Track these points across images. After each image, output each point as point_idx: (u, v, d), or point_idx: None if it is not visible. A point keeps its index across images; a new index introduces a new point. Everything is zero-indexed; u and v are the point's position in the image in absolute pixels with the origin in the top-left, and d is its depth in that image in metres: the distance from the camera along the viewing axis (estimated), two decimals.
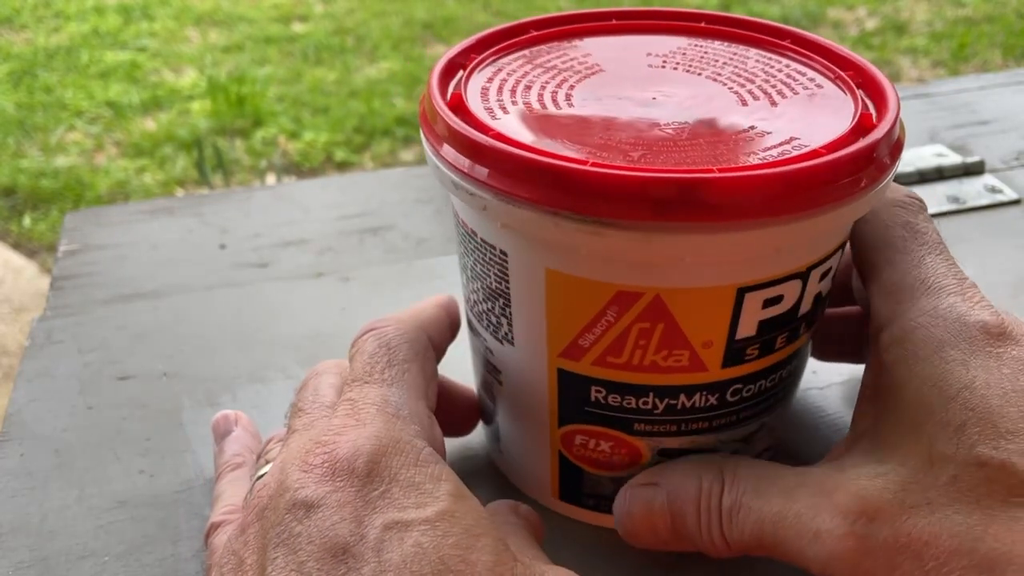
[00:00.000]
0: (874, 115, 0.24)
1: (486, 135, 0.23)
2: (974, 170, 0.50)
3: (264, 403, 0.35)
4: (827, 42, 0.28)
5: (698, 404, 0.25)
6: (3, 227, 1.55)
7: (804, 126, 0.24)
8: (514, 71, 0.27)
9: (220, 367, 0.37)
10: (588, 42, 0.30)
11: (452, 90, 0.26)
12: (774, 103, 0.25)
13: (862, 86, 0.26)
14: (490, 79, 0.27)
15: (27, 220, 1.55)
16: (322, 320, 0.40)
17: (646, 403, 0.25)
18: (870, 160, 0.22)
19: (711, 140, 0.23)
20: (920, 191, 0.48)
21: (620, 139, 0.23)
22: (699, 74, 0.27)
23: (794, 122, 0.24)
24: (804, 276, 0.24)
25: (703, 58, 0.28)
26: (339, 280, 0.43)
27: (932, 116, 0.57)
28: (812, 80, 0.27)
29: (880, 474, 0.22)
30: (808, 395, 0.35)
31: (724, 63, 0.28)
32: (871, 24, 2.32)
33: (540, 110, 0.25)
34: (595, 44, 0.30)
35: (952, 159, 0.51)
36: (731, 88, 0.26)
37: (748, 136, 0.23)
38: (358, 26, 2.33)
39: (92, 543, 0.29)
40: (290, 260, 0.44)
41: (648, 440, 0.26)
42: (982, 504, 0.20)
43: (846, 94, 0.25)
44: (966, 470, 0.21)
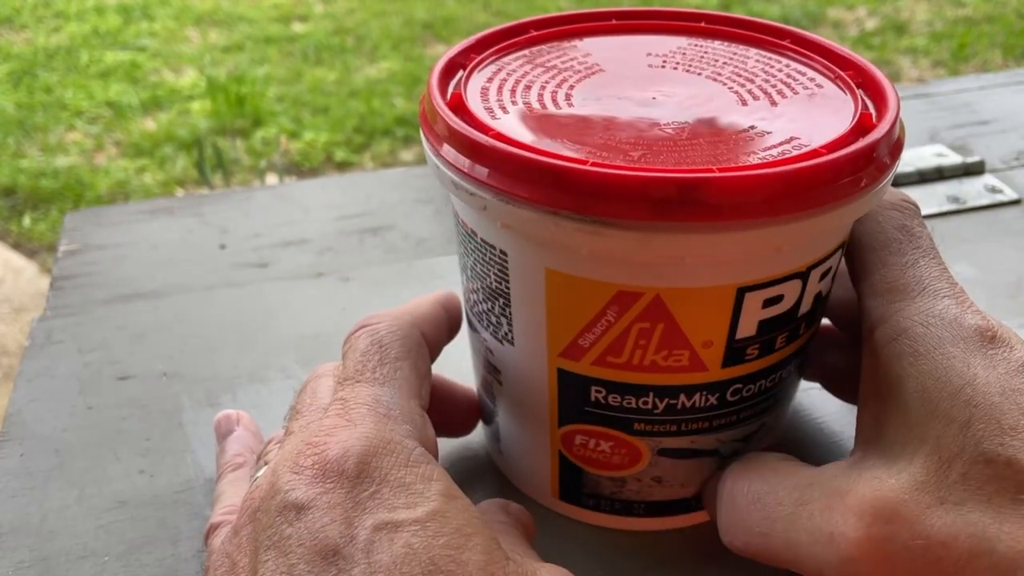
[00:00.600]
0: (874, 115, 0.24)
1: (486, 135, 0.23)
2: (974, 170, 0.50)
3: (264, 403, 0.35)
4: (827, 42, 0.28)
5: (698, 404, 0.25)
6: (3, 227, 1.55)
7: (804, 126, 0.24)
8: (514, 71, 0.27)
9: (220, 367, 0.37)
10: (588, 42, 0.30)
11: (452, 90, 0.26)
12: (774, 103, 0.25)
13: (862, 86, 0.26)
14: (490, 79, 0.27)
15: (27, 220, 1.55)
16: (322, 320, 0.40)
17: (646, 403, 0.25)
18: (870, 160, 0.22)
19: (711, 140, 0.23)
20: (920, 191, 0.49)
21: (620, 139, 0.23)
22: (699, 74, 0.27)
23: (794, 122, 0.24)
24: (804, 276, 0.24)
25: (703, 58, 0.28)
26: (339, 280, 0.43)
27: (932, 116, 0.57)
28: (812, 80, 0.27)
29: (892, 474, 0.22)
30: (808, 395, 0.35)
31: (724, 63, 0.28)
32: (871, 24, 2.32)
33: (540, 110, 0.25)
34: (595, 44, 0.30)
35: (952, 159, 0.51)
36: (731, 88, 0.26)
37: (748, 136, 0.23)
38: (358, 26, 2.33)
39: (92, 543, 0.29)
40: (290, 260, 0.44)
41: (648, 440, 0.26)
42: (993, 502, 0.20)
43: (846, 94, 0.25)
44: (974, 467, 0.20)
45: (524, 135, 0.23)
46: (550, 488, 0.29)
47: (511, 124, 0.24)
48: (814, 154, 0.22)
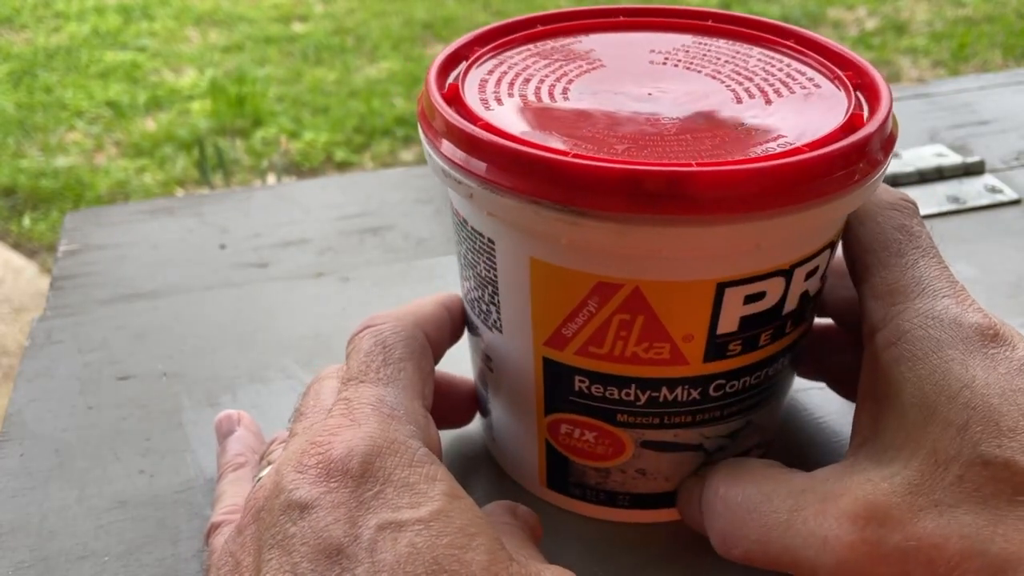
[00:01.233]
0: (866, 115, 0.24)
1: (474, 125, 0.23)
2: (974, 170, 0.50)
3: (264, 403, 0.35)
4: (829, 42, 0.28)
5: (680, 398, 0.25)
6: (3, 227, 1.55)
7: (794, 124, 0.24)
8: (515, 64, 0.28)
9: (220, 367, 0.37)
10: (593, 38, 0.30)
11: (451, 81, 0.26)
12: (769, 101, 0.25)
13: (860, 87, 0.26)
14: (491, 71, 0.27)
15: (27, 220, 1.55)
16: (322, 320, 0.40)
17: (628, 394, 0.25)
18: (852, 160, 0.22)
19: (698, 136, 0.23)
20: (920, 191, 0.48)
21: (608, 132, 0.23)
22: (699, 71, 0.27)
23: (785, 120, 0.24)
24: (788, 274, 0.24)
25: (705, 56, 0.28)
26: (339, 280, 0.43)
27: (932, 116, 0.57)
28: (811, 80, 0.27)
29: (886, 477, 0.22)
30: (808, 395, 0.35)
31: (725, 61, 0.28)
32: (871, 24, 2.32)
33: (535, 103, 0.25)
34: (599, 40, 0.30)
35: (952, 159, 0.51)
36: (728, 85, 0.26)
37: (736, 133, 0.23)
38: (358, 26, 2.33)
39: (92, 543, 0.29)
40: (290, 260, 0.44)
41: (631, 432, 0.26)
42: (989, 504, 0.20)
43: (842, 94, 0.25)
44: (971, 469, 0.20)
45: (514, 126, 0.24)
46: (538, 476, 0.29)
47: (503, 115, 0.24)
48: (795, 152, 0.22)
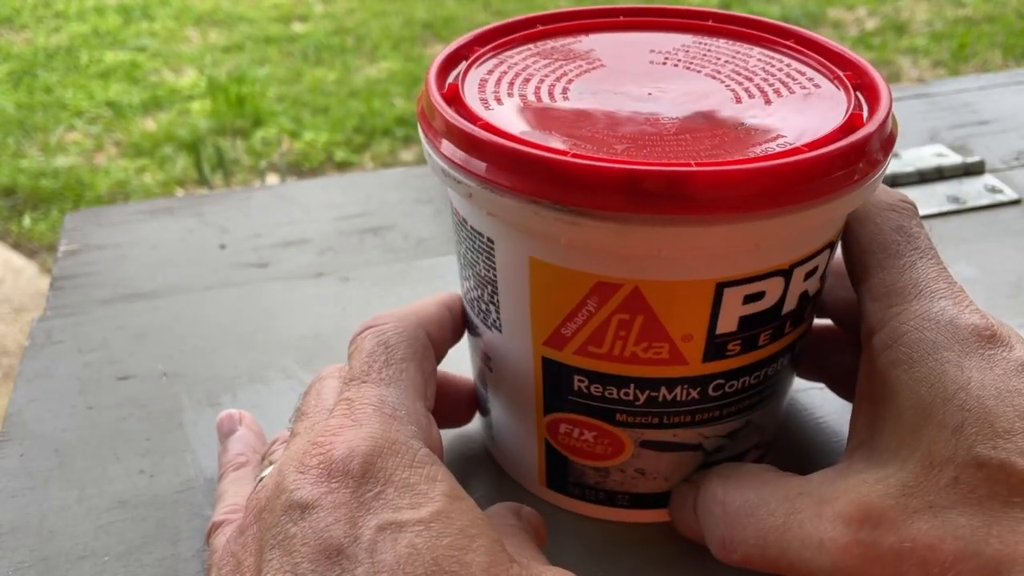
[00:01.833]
0: (866, 116, 0.24)
1: (474, 124, 0.23)
2: (974, 170, 0.50)
3: (264, 403, 0.35)
4: (830, 42, 0.28)
5: (680, 398, 0.25)
6: (3, 227, 1.55)
7: (793, 124, 0.24)
8: (515, 64, 0.28)
9: (220, 367, 0.37)
10: (594, 38, 0.30)
11: (451, 81, 0.26)
12: (768, 101, 0.25)
13: (860, 87, 0.26)
14: (491, 71, 0.27)
15: (27, 220, 1.55)
16: (322, 320, 0.40)
17: (627, 394, 0.25)
18: (851, 160, 0.22)
19: (697, 136, 0.23)
20: (920, 191, 0.49)
21: (607, 132, 0.23)
22: (699, 71, 0.27)
23: (784, 120, 0.24)
24: (787, 274, 0.24)
25: (705, 56, 0.28)
26: (339, 280, 0.43)
27: (932, 116, 0.57)
28: (811, 80, 0.27)
29: (881, 479, 0.22)
30: (808, 395, 0.35)
31: (726, 61, 0.28)
32: (871, 24, 2.32)
33: (535, 102, 0.25)
34: (600, 40, 0.30)
35: (952, 159, 0.51)
36: (728, 85, 0.26)
37: (735, 133, 0.23)
38: (358, 26, 2.33)
39: (92, 543, 0.29)
40: (290, 260, 0.44)
41: (630, 431, 0.26)
42: (984, 505, 0.20)
43: (842, 94, 0.25)
44: (966, 471, 0.20)
45: (513, 126, 0.24)
46: (537, 476, 0.30)
47: (503, 115, 0.24)
48: (794, 152, 0.22)
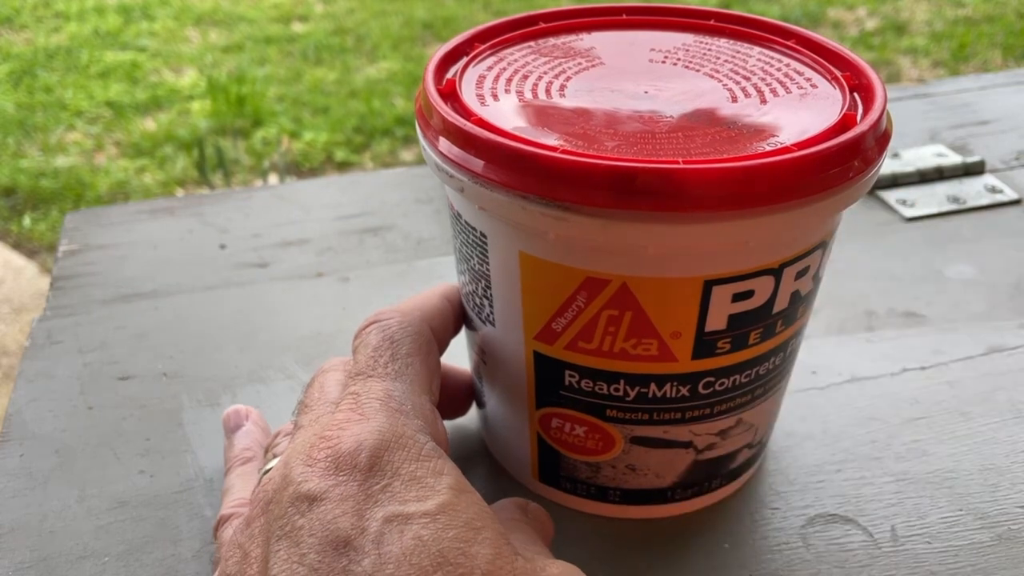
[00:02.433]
0: (859, 117, 0.24)
1: (467, 120, 0.23)
2: (974, 170, 0.50)
3: (264, 403, 0.35)
4: (830, 43, 0.28)
5: (669, 394, 0.25)
6: (3, 227, 1.55)
7: (786, 124, 0.24)
8: (515, 61, 0.28)
9: (220, 367, 0.37)
10: (595, 36, 0.30)
11: (450, 76, 0.26)
12: (764, 100, 0.25)
13: (857, 88, 0.26)
14: (490, 68, 0.27)
15: (27, 220, 1.55)
16: (322, 320, 0.40)
17: (617, 390, 0.25)
18: (838, 161, 0.22)
19: (690, 134, 0.23)
20: (920, 191, 0.49)
21: (601, 129, 0.24)
22: (697, 70, 0.27)
23: (778, 120, 0.24)
24: (777, 273, 0.24)
25: (705, 55, 0.28)
26: (339, 280, 0.43)
27: (932, 116, 0.57)
28: (809, 80, 0.27)
29: None
30: (808, 395, 0.35)
31: (725, 60, 0.28)
32: (871, 24, 2.32)
33: (531, 99, 0.25)
34: (601, 38, 0.30)
35: (952, 159, 0.51)
36: (725, 85, 0.26)
37: (728, 132, 0.24)
38: (358, 26, 2.33)
39: (92, 543, 0.29)
40: (290, 260, 0.44)
41: (621, 427, 0.26)
42: None
43: (839, 95, 0.25)
44: None
45: (507, 122, 0.24)
46: (531, 470, 0.30)
47: (498, 111, 0.25)
48: (783, 151, 0.22)
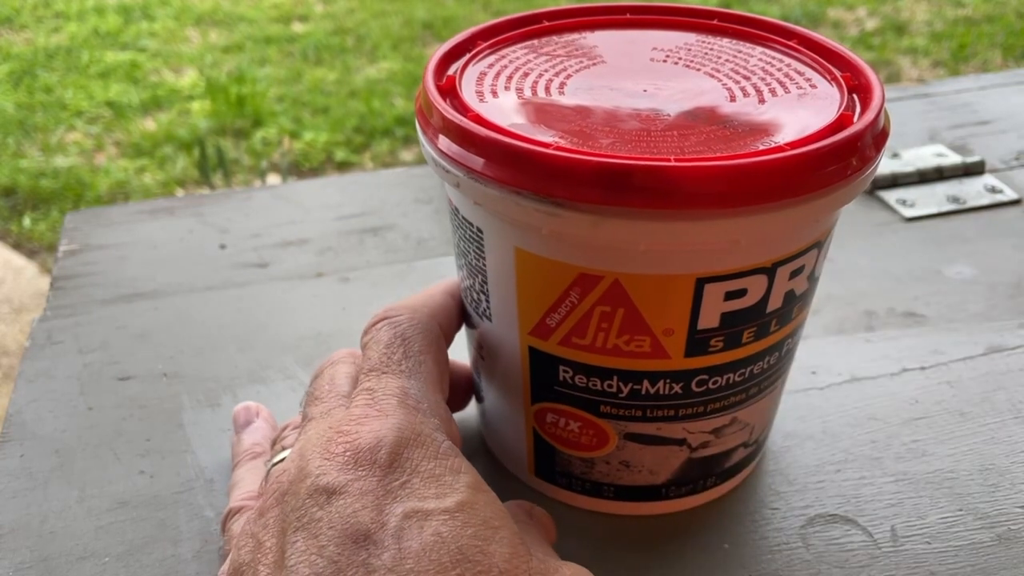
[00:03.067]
0: (856, 118, 0.24)
1: (464, 116, 0.23)
2: (974, 170, 0.50)
3: (264, 403, 0.35)
4: (832, 43, 0.28)
5: (662, 391, 0.26)
6: (3, 227, 1.55)
7: (782, 123, 0.24)
8: (516, 59, 0.28)
9: (220, 367, 0.37)
10: (598, 35, 0.30)
11: (451, 73, 0.26)
12: (763, 100, 0.25)
13: (856, 88, 0.26)
14: (491, 65, 0.27)
15: (27, 220, 1.55)
16: (322, 320, 0.40)
17: (610, 386, 0.26)
18: (830, 162, 0.22)
19: (685, 132, 0.23)
20: (920, 191, 0.48)
21: (597, 127, 0.24)
22: (698, 69, 0.27)
23: (774, 119, 0.24)
24: (770, 272, 0.24)
25: (707, 54, 0.28)
26: (339, 280, 0.43)
27: (932, 116, 0.57)
28: (808, 80, 0.27)
29: None
30: (808, 395, 0.35)
31: (726, 60, 0.28)
32: (871, 24, 2.32)
33: (530, 97, 0.26)
34: (603, 37, 0.30)
35: (952, 159, 0.51)
36: (725, 84, 0.26)
37: (723, 131, 0.24)
38: (358, 26, 2.33)
39: (92, 544, 0.29)
40: (290, 260, 0.44)
41: (614, 423, 0.27)
42: None
43: (838, 95, 0.25)
44: None
45: (505, 119, 0.24)
46: (527, 465, 0.30)
47: (496, 108, 0.25)
48: (776, 150, 0.22)
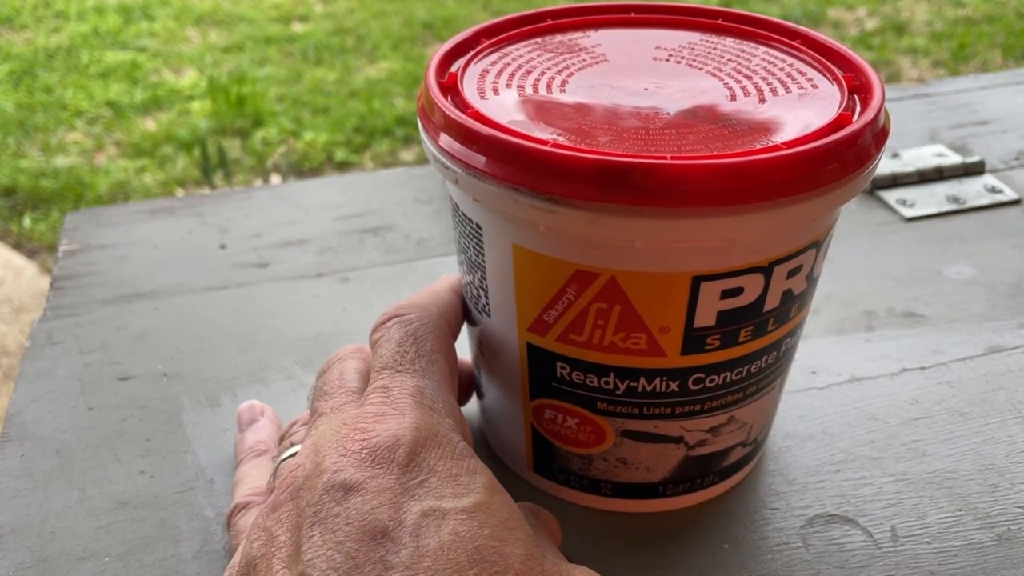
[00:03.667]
0: (855, 118, 0.24)
1: (464, 113, 0.23)
2: (974, 170, 0.50)
3: (264, 403, 0.35)
4: (835, 44, 0.28)
5: (659, 389, 0.26)
6: (3, 227, 1.55)
7: (781, 122, 0.24)
8: (519, 56, 0.28)
9: (220, 367, 0.37)
10: (601, 33, 0.30)
11: (453, 70, 0.27)
12: (763, 99, 0.25)
13: (857, 88, 0.26)
14: (494, 63, 0.28)
15: (27, 220, 1.55)
16: (322, 320, 0.40)
17: (607, 383, 0.26)
18: (825, 161, 0.22)
19: (683, 131, 0.23)
20: (920, 191, 0.48)
21: (596, 125, 0.24)
22: (700, 69, 0.27)
23: (774, 118, 0.24)
24: (767, 271, 0.24)
25: (710, 54, 0.29)
26: (339, 280, 0.43)
27: (932, 116, 0.57)
28: (810, 80, 0.27)
29: None
30: (808, 395, 0.35)
31: (728, 59, 0.28)
32: (871, 24, 2.32)
33: (531, 94, 0.26)
34: (607, 36, 0.30)
35: (952, 159, 0.51)
36: (726, 83, 0.26)
37: (722, 130, 0.24)
38: (358, 26, 2.33)
39: (92, 544, 0.29)
40: (290, 260, 0.44)
41: (611, 420, 0.27)
42: None
43: (839, 95, 0.25)
44: None
45: (505, 116, 0.24)
46: (525, 461, 0.30)
47: (496, 105, 0.25)
48: (772, 149, 0.22)
